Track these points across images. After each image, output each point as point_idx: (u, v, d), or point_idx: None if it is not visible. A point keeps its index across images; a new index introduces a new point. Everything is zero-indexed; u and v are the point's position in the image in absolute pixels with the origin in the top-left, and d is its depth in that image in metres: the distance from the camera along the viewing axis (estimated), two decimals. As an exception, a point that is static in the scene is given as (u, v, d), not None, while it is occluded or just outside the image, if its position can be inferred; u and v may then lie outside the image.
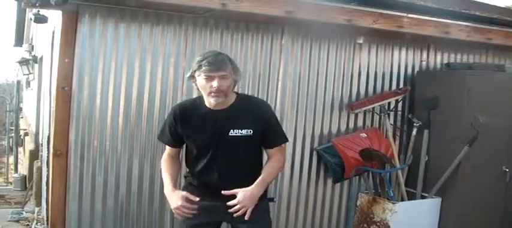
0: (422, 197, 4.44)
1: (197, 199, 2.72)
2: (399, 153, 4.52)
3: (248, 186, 2.71)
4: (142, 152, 3.78)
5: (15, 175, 6.77)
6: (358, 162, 4.16)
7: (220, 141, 2.74)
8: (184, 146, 2.92)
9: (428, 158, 4.46)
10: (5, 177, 7.29)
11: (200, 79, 2.66)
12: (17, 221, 5.19)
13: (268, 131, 2.81)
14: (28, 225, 5.04)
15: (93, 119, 3.62)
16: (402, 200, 4.38)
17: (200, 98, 2.80)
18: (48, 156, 4.03)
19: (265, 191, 2.84)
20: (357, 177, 4.44)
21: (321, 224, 4.43)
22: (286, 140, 2.95)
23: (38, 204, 5.49)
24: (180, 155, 2.97)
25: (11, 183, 6.75)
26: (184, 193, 2.75)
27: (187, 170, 2.99)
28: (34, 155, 6.35)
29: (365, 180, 4.41)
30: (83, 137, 3.60)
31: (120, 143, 3.71)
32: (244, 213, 2.64)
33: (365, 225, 4.34)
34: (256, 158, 2.90)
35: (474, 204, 4.40)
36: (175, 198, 2.73)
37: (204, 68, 2.63)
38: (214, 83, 2.62)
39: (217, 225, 2.98)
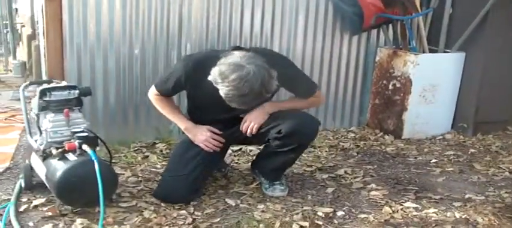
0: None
1: (221, 132, 2.76)
2: (421, 4, 4.15)
3: None
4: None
5: (14, 61, 6.51)
6: (378, 9, 3.83)
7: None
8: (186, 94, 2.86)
9: (452, 10, 4.11)
10: (5, 65, 7.04)
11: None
12: (18, 100, 4.98)
13: (290, 87, 2.78)
14: (29, 102, 4.82)
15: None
16: (424, 54, 4.08)
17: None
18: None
19: None
20: (375, 31, 4.12)
21: (337, 82, 4.16)
22: (313, 90, 2.84)
23: (39, 84, 5.29)
24: None
25: (11, 71, 6.52)
26: (208, 127, 2.73)
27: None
28: (31, 37, 6.07)
29: (384, 33, 4.09)
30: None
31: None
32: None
33: (384, 82, 4.08)
34: None
35: (501, 59, 4.10)
36: (201, 131, 2.75)
37: (232, 103, 2.43)
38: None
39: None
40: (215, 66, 2.41)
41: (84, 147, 2.40)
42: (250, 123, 2.70)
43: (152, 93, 2.82)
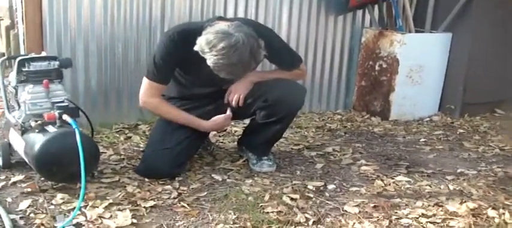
0: (431, 36, 4.10)
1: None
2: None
3: None
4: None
5: (-8, 54, 6.35)
6: (365, -12, 3.78)
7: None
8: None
9: (438, -10, 4.08)
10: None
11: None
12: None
13: (274, 58, 2.67)
14: (7, 76, 4.68)
15: None
16: (410, 35, 4.03)
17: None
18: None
19: None
20: (361, 12, 4.07)
21: (322, 64, 4.09)
22: (298, 62, 2.76)
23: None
24: None
25: (-12, 64, 6.37)
26: (226, 115, 2.65)
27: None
28: (10, 28, 5.92)
29: (370, 13, 4.03)
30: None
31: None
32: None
33: (371, 63, 4.02)
34: None
35: (488, 40, 4.06)
36: (223, 121, 2.67)
37: (220, 73, 2.33)
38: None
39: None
40: (201, 36, 2.32)
41: (65, 117, 2.28)
42: (236, 94, 2.61)
43: (148, 96, 2.60)
